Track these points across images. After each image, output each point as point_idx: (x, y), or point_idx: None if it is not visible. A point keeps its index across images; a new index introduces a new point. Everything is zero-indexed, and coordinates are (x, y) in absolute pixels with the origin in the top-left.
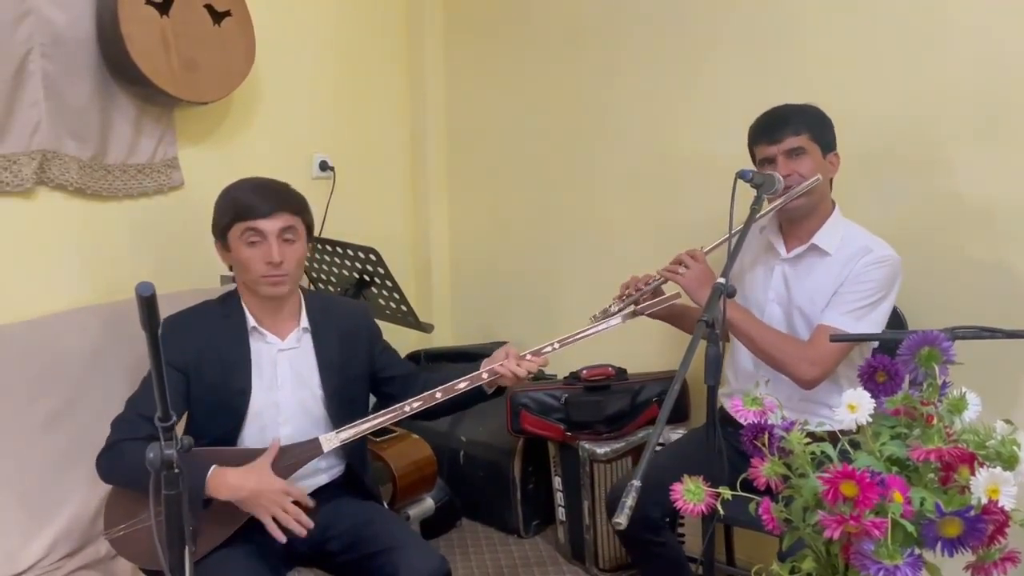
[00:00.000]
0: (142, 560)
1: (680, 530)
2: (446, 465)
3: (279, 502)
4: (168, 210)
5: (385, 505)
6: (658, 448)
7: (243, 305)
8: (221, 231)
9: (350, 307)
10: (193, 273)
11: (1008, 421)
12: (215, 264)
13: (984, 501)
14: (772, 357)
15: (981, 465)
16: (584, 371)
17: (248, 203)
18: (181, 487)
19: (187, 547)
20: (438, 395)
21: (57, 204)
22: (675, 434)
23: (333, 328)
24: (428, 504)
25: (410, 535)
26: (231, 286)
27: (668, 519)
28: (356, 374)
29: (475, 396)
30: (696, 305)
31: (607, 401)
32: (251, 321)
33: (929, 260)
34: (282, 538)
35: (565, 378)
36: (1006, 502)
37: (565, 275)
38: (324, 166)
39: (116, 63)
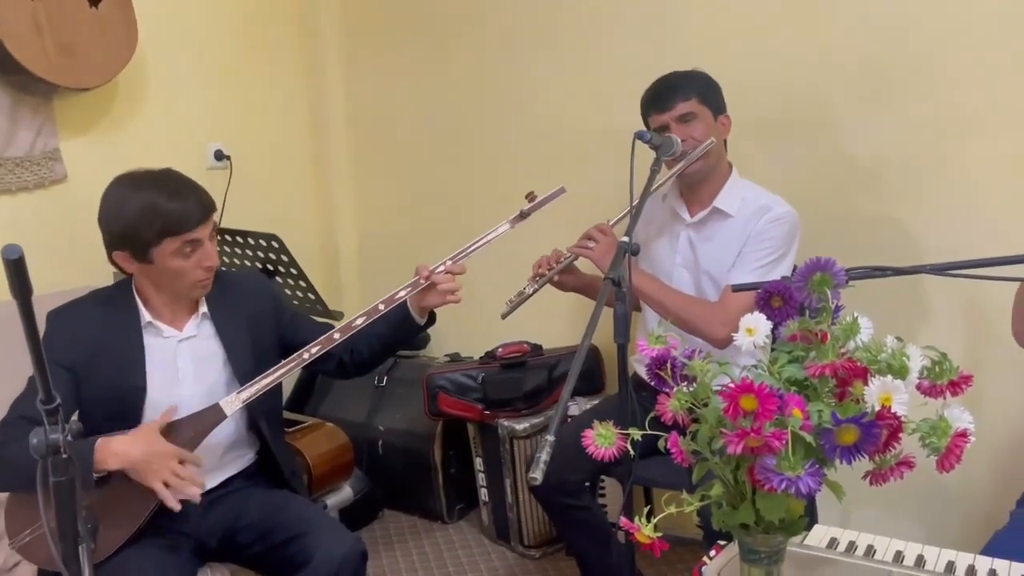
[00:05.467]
0: (52, 562)
1: (602, 500)
2: (365, 456)
3: (170, 466)
4: (51, 205)
5: (300, 492)
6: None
7: (136, 299)
8: (142, 245)
9: (247, 281)
10: (81, 270)
11: (898, 338)
12: (105, 261)
13: (877, 408)
14: (683, 320)
15: (874, 377)
16: (500, 349)
17: (178, 213)
18: (72, 472)
19: (81, 537)
20: (358, 321)
21: None
22: (591, 405)
23: (234, 307)
24: (347, 492)
25: (322, 518)
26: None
27: (588, 484)
28: (265, 349)
29: (408, 330)
30: None
31: (524, 378)
32: (146, 316)
33: (823, 216)
34: (176, 506)
35: (481, 358)
36: (898, 408)
37: (477, 256)
38: (219, 155)
39: None
